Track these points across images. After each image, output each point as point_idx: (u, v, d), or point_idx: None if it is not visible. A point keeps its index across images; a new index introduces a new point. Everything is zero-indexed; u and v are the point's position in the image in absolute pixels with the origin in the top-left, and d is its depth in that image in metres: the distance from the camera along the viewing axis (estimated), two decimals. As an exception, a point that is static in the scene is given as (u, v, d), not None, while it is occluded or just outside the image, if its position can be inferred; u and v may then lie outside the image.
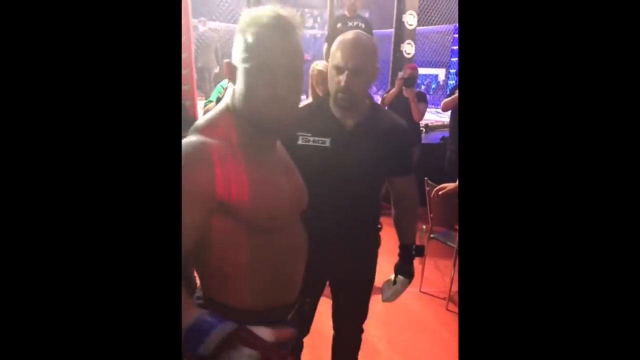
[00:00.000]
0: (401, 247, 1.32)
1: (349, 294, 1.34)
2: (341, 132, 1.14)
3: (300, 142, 1.12)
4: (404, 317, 2.19)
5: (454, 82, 5.37)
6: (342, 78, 1.08)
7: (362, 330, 1.43)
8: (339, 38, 1.12)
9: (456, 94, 3.10)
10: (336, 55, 1.09)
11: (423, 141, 3.38)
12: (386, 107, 3.33)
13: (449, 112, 3.33)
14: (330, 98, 1.16)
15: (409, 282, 1.32)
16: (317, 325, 1.41)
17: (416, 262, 2.69)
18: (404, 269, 1.31)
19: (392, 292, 1.31)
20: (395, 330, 2.08)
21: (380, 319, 2.16)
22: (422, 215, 3.15)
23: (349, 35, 1.11)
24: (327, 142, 1.12)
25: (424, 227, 3.35)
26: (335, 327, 1.40)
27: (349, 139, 1.14)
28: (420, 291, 2.40)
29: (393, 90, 3.28)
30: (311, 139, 1.13)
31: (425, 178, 2.34)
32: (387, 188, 1.34)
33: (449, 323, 2.13)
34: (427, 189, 2.30)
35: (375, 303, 2.31)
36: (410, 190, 1.29)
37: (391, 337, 2.03)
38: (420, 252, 1.33)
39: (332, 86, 1.12)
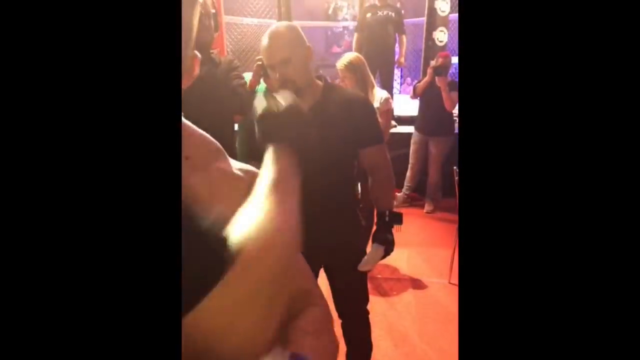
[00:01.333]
0: (377, 214, 1.33)
1: (341, 275, 1.36)
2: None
3: None
4: (433, 307, 2.17)
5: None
6: (276, 75, 1.14)
7: (367, 312, 1.43)
8: (265, 35, 1.17)
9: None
10: (266, 52, 1.16)
11: (456, 130, 3.31)
12: (417, 97, 3.28)
13: None
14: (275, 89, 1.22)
15: (385, 250, 1.31)
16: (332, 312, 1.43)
17: (446, 253, 2.66)
18: (379, 236, 1.31)
19: (367, 259, 1.31)
20: (423, 321, 2.07)
21: (409, 310, 2.16)
22: (452, 206, 3.13)
23: (273, 30, 1.17)
24: None
25: (399, 194, 3.35)
26: (339, 313, 1.41)
27: (305, 124, 1.17)
28: (450, 282, 2.37)
29: (425, 79, 3.22)
30: None
31: (455, 167, 2.30)
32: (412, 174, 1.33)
33: (480, 315, 2.10)
34: (457, 178, 2.25)
35: (405, 294, 2.31)
36: (381, 159, 1.30)
37: (419, 328, 2.02)
38: (397, 219, 1.33)
39: (274, 84, 1.18)
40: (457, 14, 4.97)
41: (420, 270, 2.53)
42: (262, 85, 1.74)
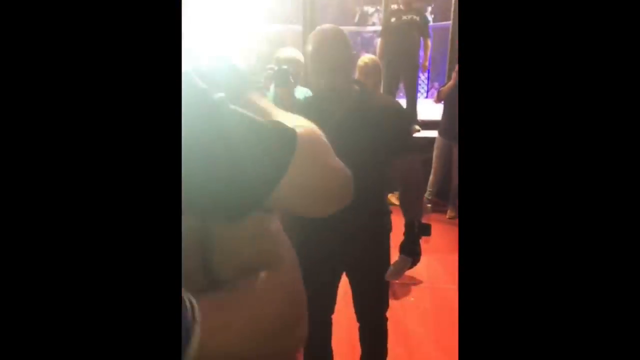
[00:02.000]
0: (405, 224, 1.32)
1: (364, 281, 1.36)
2: (330, 123, 1.17)
3: None
4: (444, 313, 2.13)
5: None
6: (324, 80, 1.14)
7: (386, 319, 1.44)
8: (312, 37, 1.14)
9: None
10: (313, 56, 1.13)
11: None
12: (441, 101, 3.24)
13: None
14: (319, 91, 1.21)
15: (412, 261, 1.31)
16: (347, 316, 1.44)
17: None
18: (407, 247, 1.31)
19: (393, 269, 1.31)
20: (440, 327, 2.03)
21: (425, 316, 2.13)
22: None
23: (321, 33, 1.14)
24: None
25: (429, 205, 3.26)
26: (358, 318, 1.43)
27: (339, 129, 1.16)
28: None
29: (449, 83, 3.17)
30: None
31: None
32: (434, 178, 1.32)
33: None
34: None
35: (423, 300, 2.28)
36: (412, 170, 1.29)
37: (436, 335, 1.99)
38: (426, 230, 1.33)
39: (317, 84, 1.17)
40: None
41: (439, 277, 2.49)
42: (271, 93, 1.78)
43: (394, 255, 1.36)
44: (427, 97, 5.52)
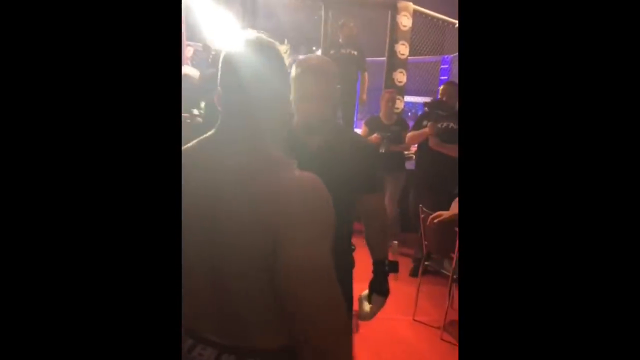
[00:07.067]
0: (374, 263, 1.32)
1: None
2: (306, 153, 1.13)
3: None
4: (398, 346, 2.14)
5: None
6: (310, 106, 1.11)
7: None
8: (302, 64, 1.11)
9: (424, 129, 2.78)
10: (301, 82, 1.10)
11: (407, 167, 3.41)
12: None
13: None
14: (297, 121, 1.17)
15: (385, 300, 1.30)
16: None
17: (410, 289, 2.66)
18: (378, 286, 1.30)
19: (371, 311, 1.29)
20: (388, 359, 2.03)
21: (372, 348, 2.11)
22: (410, 239, 3.15)
23: (311, 61, 1.13)
24: (294, 164, 1.14)
25: (396, 242, 3.32)
26: None
27: (313, 160, 1.15)
28: (414, 319, 2.36)
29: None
30: None
31: (420, 205, 2.34)
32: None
33: (444, 353, 2.09)
34: (422, 216, 2.29)
35: (369, 332, 2.27)
36: (379, 208, 1.30)
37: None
38: (394, 267, 1.33)
39: (301, 112, 1.13)
40: (415, 57, 5.21)
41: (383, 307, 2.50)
42: None
43: (356, 290, 1.33)
44: (354, 127, 5.71)
